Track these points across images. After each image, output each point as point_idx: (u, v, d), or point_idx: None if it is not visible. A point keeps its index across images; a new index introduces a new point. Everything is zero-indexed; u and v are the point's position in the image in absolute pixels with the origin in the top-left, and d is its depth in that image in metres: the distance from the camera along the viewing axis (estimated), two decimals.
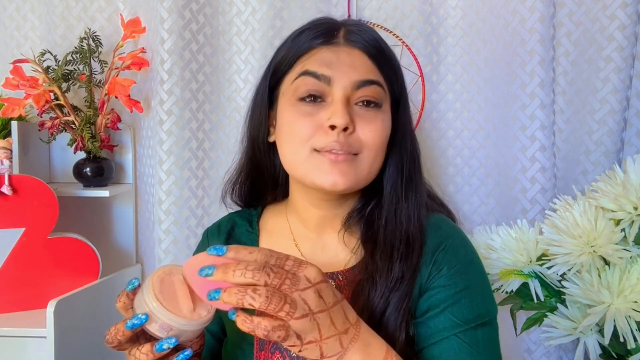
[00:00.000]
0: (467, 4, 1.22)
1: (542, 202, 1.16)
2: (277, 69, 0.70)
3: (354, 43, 0.67)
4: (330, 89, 0.64)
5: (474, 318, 0.63)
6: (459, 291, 0.64)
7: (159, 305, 0.53)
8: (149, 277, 0.56)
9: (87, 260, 1.18)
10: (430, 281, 0.65)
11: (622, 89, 1.17)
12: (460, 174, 1.25)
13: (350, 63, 0.65)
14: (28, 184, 1.11)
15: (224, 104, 1.28)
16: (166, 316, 0.54)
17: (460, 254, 0.67)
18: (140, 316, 0.54)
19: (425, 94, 1.22)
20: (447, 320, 0.63)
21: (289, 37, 0.71)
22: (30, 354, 1.06)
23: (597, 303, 0.82)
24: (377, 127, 0.66)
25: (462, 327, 0.62)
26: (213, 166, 1.28)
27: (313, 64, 0.65)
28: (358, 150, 0.65)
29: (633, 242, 0.85)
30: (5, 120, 1.23)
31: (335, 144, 0.63)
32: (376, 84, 0.66)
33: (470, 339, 0.62)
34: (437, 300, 0.64)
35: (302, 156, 0.65)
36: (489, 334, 0.64)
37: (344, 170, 0.63)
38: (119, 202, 1.36)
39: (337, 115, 0.62)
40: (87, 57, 1.24)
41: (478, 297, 0.64)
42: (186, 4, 1.20)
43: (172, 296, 0.55)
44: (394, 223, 0.68)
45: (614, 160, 1.19)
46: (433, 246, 0.67)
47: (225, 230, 0.80)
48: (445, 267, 0.65)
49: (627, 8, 1.15)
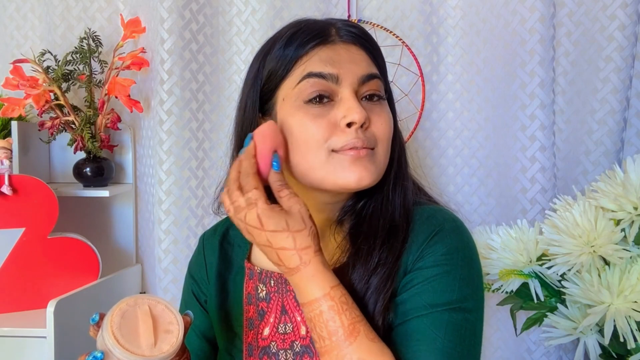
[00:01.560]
0: (467, 4, 1.22)
1: (542, 202, 1.16)
2: (271, 77, 0.68)
3: (349, 39, 0.66)
4: (338, 87, 0.64)
5: (444, 302, 0.61)
6: (436, 275, 0.62)
7: (114, 341, 0.53)
8: (111, 310, 0.56)
9: (87, 260, 1.18)
10: (415, 264, 0.64)
11: (622, 89, 1.17)
12: (460, 174, 1.25)
13: (351, 59, 0.65)
14: (28, 184, 1.11)
15: (224, 104, 1.28)
16: (121, 354, 0.53)
17: (447, 240, 0.65)
18: (96, 354, 0.54)
19: (425, 94, 1.22)
20: (415, 301, 0.62)
21: (274, 45, 0.68)
22: (30, 354, 1.06)
23: (597, 303, 0.82)
24: (386, 119, 0.66)
25: (427, 310, 0.61)
26: (213, 166, 1.28)
27: (315, 65, 0.64)
28: (374, 145, 0.65)
29: (633, 242, 0.85)
30: (5, 120, 1.23)
31: (357, 140, 0.62)
32: (377, 77, 0.66)
33: (433, 322, 0.60)
34: (412, 281, 0.63)
35: (320, 159, 0.64)
36: (458, 321, 0.61)
37: (367, 165, 0.63)
38: (119, 202, 1.36)
39: (354, 112, 0.62)
40: (87, 57, 1.24)
41: (455, 283, 0.62)
42: (186, 4, 1.20)
43: (133, 331, 0.55)
44: (379, 211, 0.68)
45: (614, 160, 1.19)
46: (425, 234, 0.65)
47: (221, 232, 0.80)
48: (430, 252, 0.64)
49: (627, 8, 1.15)
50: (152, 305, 0.58)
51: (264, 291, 0.70)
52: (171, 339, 0.56)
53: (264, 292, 0.70)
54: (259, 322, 0.70)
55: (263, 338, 0.69)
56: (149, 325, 0.55)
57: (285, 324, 0.68)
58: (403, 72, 1.23)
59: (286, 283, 0.69)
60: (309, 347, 0.67)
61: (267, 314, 0.70)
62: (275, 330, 0.69)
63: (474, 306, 0.63)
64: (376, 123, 0.65)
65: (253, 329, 0.70)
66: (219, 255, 0.78)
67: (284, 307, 0.69)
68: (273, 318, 0.69)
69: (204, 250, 0.80)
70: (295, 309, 0.68)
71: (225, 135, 1.28)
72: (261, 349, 0.69)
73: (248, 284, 0.72)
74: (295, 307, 0.68)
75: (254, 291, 0.71)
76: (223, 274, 0.76)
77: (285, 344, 0.68)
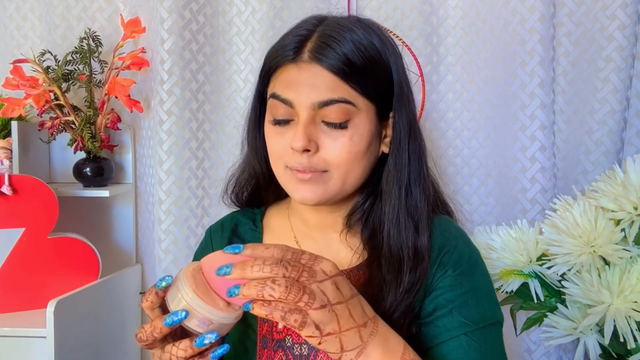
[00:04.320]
0: (467, 4, 1.22)
1: (542, 202, 1.16)
2: (262, 79, 0.71)
3: (318, 60, 0.64)
4: (294, 110, 0.65)
5: (482, 319, 0.63)
6: (466, 292, 0.64)
7: (198, 299, 0.53)
8: (180, 273, 0.55)
9: (87, 260, 1.18)
10: (436, 282, 0.66)
11: (622, 89, 1.17)
12: (460, 174, 1.25)
13: (312, 83, 0.64)
14: (28, 184, 1.11)
15: (224, 104, 1.28)
16: (207, 310, 0.53)
17: (465, 255, 0.67)
18: (179, 312, 0.53)
19: (425, 94, 1.22)
20: (455, 320, 0.63)
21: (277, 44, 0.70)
22: (30, 354, 1.06)
23: (597, 303, 0.82)
24: (342, 145, 0.64)
25: (470, 327, 0.62)
26: (213, 166, 1.28)
27: (279, 86, 0.66)
28: (325, 168, 0.65)
29: (633, 242, 0.85)
30: (5, 120, 1.23)
31: (299, 165, 0.65)
32: (340, 102, 0.64)
33: (479, 338, 0.62)
34: (444, 300, 0.64)
35: (279, 171, 0.69)
36: (496, 336, 0.64)
37: (311, 187, 0.66)
38: (119, 202, 1.36)
39: (295, 139, 0.64)
40: (87, 57, 1.24)
41: (484, 299, 0.65)
42: (186, 4, 1.20)
43: (207, 291, 0.54)
44: (397, 232, 0.67)
45: (614, 160, 1.19)
46: (438, 248, 0.67)
47: (229, 228, 0.80)
48: (451, 268, 0.66)
49: (627, 8, 1.15)
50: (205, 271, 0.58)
51: None
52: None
53: None
54: None
55: (278, 331, 0.69)
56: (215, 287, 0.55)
57: None
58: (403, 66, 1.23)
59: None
60: None
61: None
62: None
63: (500, 318, 0.66)
64: (328, 149, 0.64)
65: (267, 321, 0.70)
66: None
67: None
68: None
69: (212, 242, 0.80)
70: None
71: (225, 135, 1.28)
72: (276, 342, 0.69)
73: None
74: None
75: None
76: None
77: (300, 337, 0.68)
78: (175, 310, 0.54)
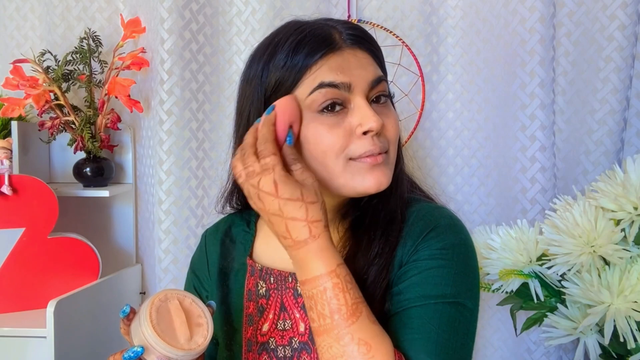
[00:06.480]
0: (467, 4, 1.22)
1: (542, 202, 1.16)
2: (279, 86, 0.66)
3: (354, 43, 0.66)
4: (350, 95, 0.64)
5: (439, 295, 0.62)
6: (431, 268, 0.63)
7: (156, 337, 0.54)
8: (145, 305, 0.56)
9: (87, 260, 1.18)
10: (409, 257, 0.65)
11: (622, 89, 1.17)
12: (460, 174, 1.25)
13: (359, 64, 0.65)
14: (28, 184, 1.11)
15: (224, 104, 1.28)
16: (165, 349, 0.54)
17: (443, 237, 0.66)
18: (136, 349, 0.55)
19: (425, 94, 1.22)
20: (411, 292, 0.63)
21: (276, 51, 0.68)
22: (30, 354, 1.06)
23: (597, 303, 0.82)
24: (394, 120, 0.67)
25: (422, 301, 0.61)
26: (213, 166, 1.28)
27: (326, 75, 0.63)
28: (387, 148, 0.66)
29: (633, 242, 0.85)
30: (5, 120, 1.23)
31: (374, 147, 0.63)
32: (383, 79, 0.67)
33: (427, 313, 0.61)
34: (407, 272, 0.64)
35: (338, 168, 0.64)
36: (452, 315, 0.61)
37: (383, 170, 0.65)
38: (119, 202, 1.36)
39: (371, 120, 0.62)
40: (87, 57, 1.24)
41: (450, 277, 0.63)
42: (186, 4, 1.20)
43: (169, 326, 0.55)
44: (381, 204, 0.69)
45: (614, 160, 1.19)
46: (421, 229, 0.66)
47: (223, 230, 0.81)
48: (426, 246, 0.65)
49: (627, 8, 1.15)
50: (181, 300, 0.59)
51: (264, 288, 0.71)
52: (203, 331, 0.57)
53: (263, 289, 0.71)
54: (258, 319, 0.70)
55: (262, 334, 0.70)
56: (183, 319, 0.56)
57: (284, 320, 0.69)
58: (403, 72, 1.23)
59: (285, 280, 0.70)
60: (307, 343, 0.67)
61: (266, 311, 0.70)
62: (274, 327, 0.69)
63: (469, 302, 0.64)
64: (387, 126, 0.65)
65: (252, 325, 0.71)
66: (221, 252, 0.78)
67: (283, 304, 0.69)
68: (272, 314, 0.70)
69: (206, 247, 0.81)
70: (294, 306, 0.69)
71: (225, 135, 1.28)
72: (260, 344, 0.69)
73: (249, 281, 0.73)
74: (294, 304, 0.69)
75: (254, 288, 0.72)
76: (225, 270, 0.76)
77: (283, 340, 0.68)
78: (133, 345, 0.56)
